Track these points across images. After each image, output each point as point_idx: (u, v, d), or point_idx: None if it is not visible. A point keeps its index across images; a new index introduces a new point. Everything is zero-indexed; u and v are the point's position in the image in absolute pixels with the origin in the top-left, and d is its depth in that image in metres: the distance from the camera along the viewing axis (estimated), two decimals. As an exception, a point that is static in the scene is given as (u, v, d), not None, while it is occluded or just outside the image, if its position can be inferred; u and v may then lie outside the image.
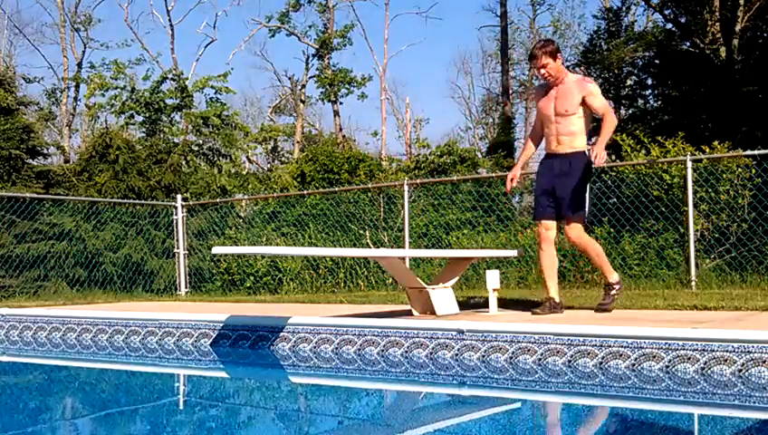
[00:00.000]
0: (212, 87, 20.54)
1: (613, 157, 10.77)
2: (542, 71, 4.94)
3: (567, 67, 5.37)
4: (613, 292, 4.98)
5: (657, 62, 17.33)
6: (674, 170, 8.22)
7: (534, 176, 5.71)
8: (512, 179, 5.22)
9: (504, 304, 5.62)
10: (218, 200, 12.03)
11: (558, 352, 3.64)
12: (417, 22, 70.55)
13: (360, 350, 4.18)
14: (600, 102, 4.92)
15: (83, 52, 29.00)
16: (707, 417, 2.88)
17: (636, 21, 23.13)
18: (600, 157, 4.78)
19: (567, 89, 4.94)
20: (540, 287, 8.22)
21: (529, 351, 3.71)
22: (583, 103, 4.90)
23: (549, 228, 5.01)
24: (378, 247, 9.89)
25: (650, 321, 4.47)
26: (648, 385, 3.26)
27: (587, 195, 4.98)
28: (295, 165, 19.37)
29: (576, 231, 4.92)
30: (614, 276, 5.02)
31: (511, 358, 3.74)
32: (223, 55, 67.39)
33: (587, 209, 4.98)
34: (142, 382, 4.13)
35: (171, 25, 28.30)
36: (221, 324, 4.79)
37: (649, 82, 18.38)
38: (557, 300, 4.95)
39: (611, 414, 2.98)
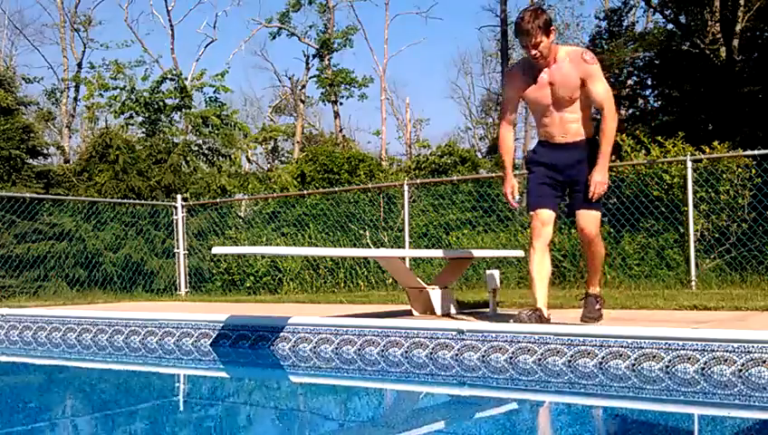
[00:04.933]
0: (210, 85, 20.56)
1: (613, 157, 10.77)
2: (534, 51, 4.01)
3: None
4: (597, 305, 4.33)
5: (657, 62, 17.33)
6: (674, 170, 8.22)
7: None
8: (512, 192, 4.41)
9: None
10: (218, 200, 12.04)
11: (558, 352, 3.63)
12: (417, 22, 70.63)
13: (360, 350, 4.18)
14: (602, 88, 4.07)
15: (83, 52, 29.03)
16: (707, 417, 2.88)
17: (636, 21, 23.13)
18: (597, 187, 4.08)
19: (564, 71, 4.07)
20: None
21: (529, 351, 3.71)
22: (582, 86, 4.09)
23: (546, 223, 4.21)
24: (378, 247, 9.89)
25: (650, 321, 4.47)
26: (648, 385, 3.26)
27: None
28: (295, 165, 19.39)
29: (596, 222, 4.20)
30: (599, 289, 4.41)
31: (511, 358, 3.74)
32: (223, 55, 67.42)
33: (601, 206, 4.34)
34: (142, 383, 4.12)
35: (171, 25, 28.34)
36: (221, 324, 4.78)
37: (650, 82, 18.39)
38: (545, 314, 4.12)
39: (611, 414, 2.97)
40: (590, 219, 4.20)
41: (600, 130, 4.11)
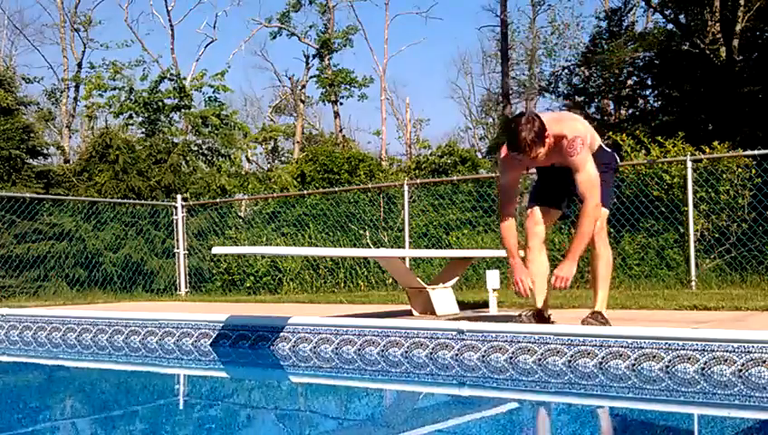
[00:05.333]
0: (209, 85, 20.57)
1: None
2: (533, 157, 3.86)
3: (566, 68, 4.49)
4: (601, 319, 4.06)
5: (657, 62, 17.33)
6: (674, 170, 8.22)
7: (533, 176, 5.09)
8: (524, 281, 3.97)
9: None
10: (218, 200, 12.04)
11: (558, 352, 3.63)
12: (417, 22, 70.60)
13: (360, 350, 4.18)
14: (585, 178, 3.90)
15: (83, 52, 29.01)
16: (707, 417, 2.88)
17: (636, 21, 23.13)
18: (558, 281, 3.85)
19: (555, 156, 3.96)
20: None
21: (529, 351, 3.71)
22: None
23: (538, 222, 4.16)
24: (378, 247, 9.89)
25: (650, 321, 4.47)
26: (648, 385, 3.26)
27: (611, 188, 4.22)
28: (295, 165, 19.39)
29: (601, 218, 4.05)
30: (602, 307, 4.14)
31: (511, 358, 3.74)
32: (223, 55, 67.45)
33: (608, 203, 4.18)
34: (142, 382, 4.12)
35: (171, 25, 28.33)
36: (221, 324, 4.79)
37: (650, 82, 18.39)
38: (545, 314, 4.14)
39: (611, 414, 2.97)
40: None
41: (577, 227, 3.97)
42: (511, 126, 3.87)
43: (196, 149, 18.10)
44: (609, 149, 4.28)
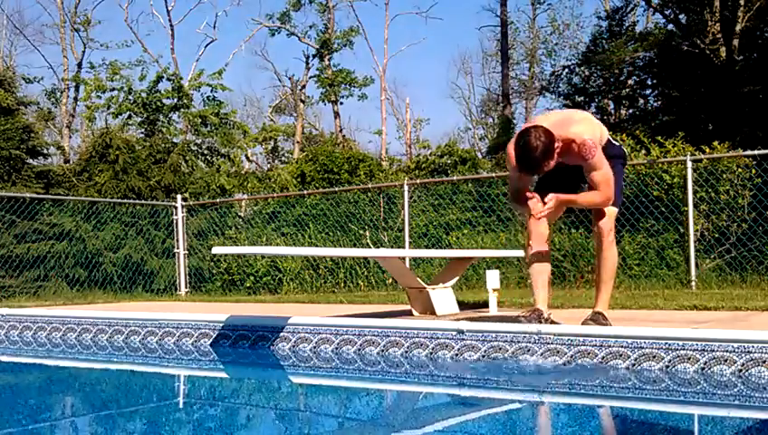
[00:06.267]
0: (208, 85, 20.56)
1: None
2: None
3: (566, 68, 4.38)
4: (602, 319, 4.08)
5: (657, 62, 17.34)
6: (674, 170, 8.23)
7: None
8: (533, 198, 3.96)
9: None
10: (218, 200, 12.04)
11: (558, 352, 3.63)
12: (417, 22, 70.66)
13: (360, 350, 4.18)
14: (599, 177, 3.95)
15: (83, 52, 29.03)
16: (707, 417, 2.88)
17: (637, 21, 23.14)
18: (551, 201, 3.86)
19: (567, 154, 3.95)
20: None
21: (529, 351, 3.71)
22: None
23: (541, 220, 4.07)
24: (378, 247, 9.89)
25: (650, 321, 4.47)
26: (648, 385, 3.26)
27: (620, 181, 4.12)
28: (295, 165, 19.38)
29: (608, 221, 4.04)
30: (604, 308, 4.16)
31: (511, 358, 3.74)
32: (223, 55, 67.41)
33: (619, 199, 4.12)
34: (142, 383, 4.12)
35: (171, 25, 28.34)
36: (221, 324, 4.79)
37: (650, 82, 18.40)
38: (545, 314, 4.03)
39: (611, 414, 2.97)
40: (603, 215, 4.05)
41: (588, 187, 4.02)
42: (519, 145, 3.80)
43: (195, 148, 18.09)
44: (616, 142, 4.25)
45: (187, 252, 10.82)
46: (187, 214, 11.14)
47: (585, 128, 3.99)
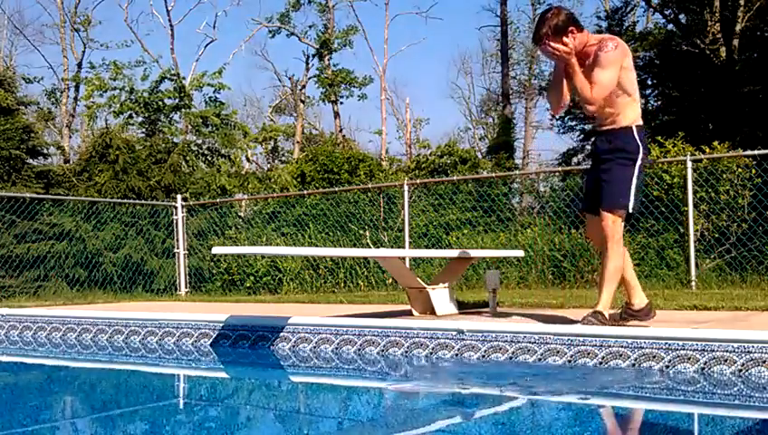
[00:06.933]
0: (208, 84, 20.58)
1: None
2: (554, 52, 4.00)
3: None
4: (601, 318, 4.08)
5: (657, 62, 17.34)
6: (674, 170, 8.23)
7: (533, 175, 5.14)
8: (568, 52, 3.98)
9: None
10: (218, 200, 12.04)
11: (558, 352, 3.63)
12: (418, 22, 70.66)
13: (360, 350, 4.18)
14: (600, 77, 3.96)
15: (83, 52, 29.05)
16: (707, 417, 2.88)
17: (637, 21, 23.14)
18: (558, 47, 3.96)
19: (590, 61, 4.03)
20: (540, 288, 8.23)
21: (529, 351, 3.70)
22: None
23: (589, 224, 4.34)
24: (378, 247, 9.89)
25: (650, 321, 4.46)
26: (649, 385, 3.26)
27: (633, 183, 4.07)
28: (295, 165, 19.39)
29: (607, 225, 4.08)
30: (604, 307, 4.14)
31: (511, 358, 3.74)
32: (223, 55, 67.46)
33: (632, 201, 4.07)
34: (142, 383, 4.12)
35: (171, 25, 28.35)
36: (221, 324, 4.78)
37: (650, 81, 18.39)
38: (641, 305, 4.32)
39: (611, 414, 2.97)
40: (603, 219, 4.10)
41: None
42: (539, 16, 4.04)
43: (196, 149, 18.10)
44: (637, 137, 4.07)
45: (187, 252, 10.82)
46: (188, 214, 11.14)
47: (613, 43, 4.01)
